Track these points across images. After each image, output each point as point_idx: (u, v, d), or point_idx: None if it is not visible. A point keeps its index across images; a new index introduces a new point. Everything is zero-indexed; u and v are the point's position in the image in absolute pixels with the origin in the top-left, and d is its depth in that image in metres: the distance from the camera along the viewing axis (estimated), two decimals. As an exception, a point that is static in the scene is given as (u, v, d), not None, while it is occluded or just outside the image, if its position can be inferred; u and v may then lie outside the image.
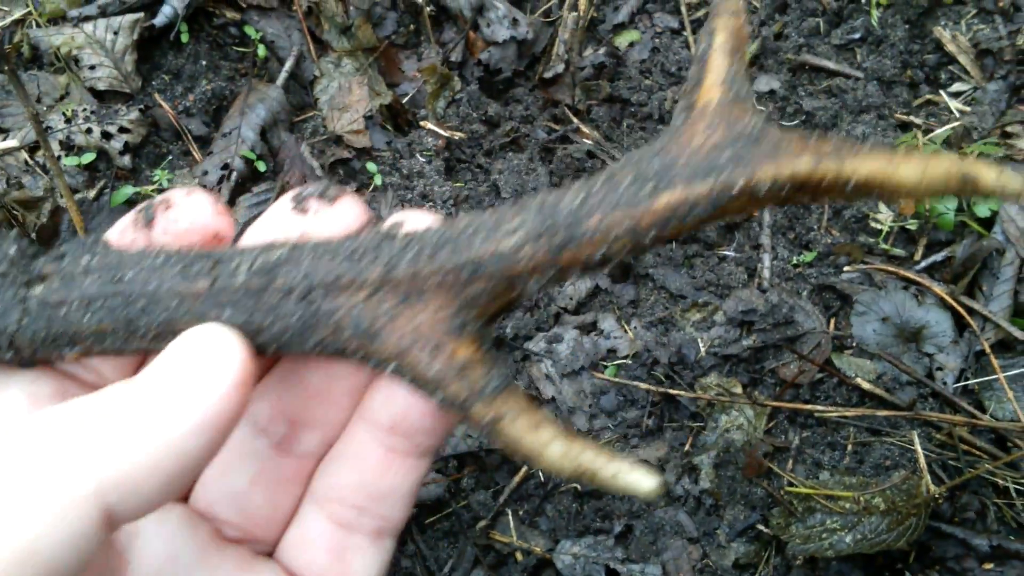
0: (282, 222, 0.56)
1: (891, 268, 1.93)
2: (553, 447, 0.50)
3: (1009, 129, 2.04)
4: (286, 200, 0.56)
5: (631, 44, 2.32)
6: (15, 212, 1.58)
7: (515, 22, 2.26)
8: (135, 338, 0.52)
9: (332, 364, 0.57)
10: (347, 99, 2.14)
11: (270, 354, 0.53)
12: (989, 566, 1.59)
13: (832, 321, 1.90)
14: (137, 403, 0.45)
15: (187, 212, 0.55)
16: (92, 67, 2.02)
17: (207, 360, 0.47)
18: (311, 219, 0.55)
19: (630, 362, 1.86)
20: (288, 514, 0.60)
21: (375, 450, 0.57)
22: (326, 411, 0.59)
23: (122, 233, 0.55)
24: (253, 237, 0.56)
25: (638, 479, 0.48)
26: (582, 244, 0.51)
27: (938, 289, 1.87)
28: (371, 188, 2.05)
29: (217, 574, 0.55)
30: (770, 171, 0.52)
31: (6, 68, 1.32)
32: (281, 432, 0.59)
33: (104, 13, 2.07)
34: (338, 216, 0.56)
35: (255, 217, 0.60)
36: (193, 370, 0.47)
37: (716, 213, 0.52)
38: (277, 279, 0.51)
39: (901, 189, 0.51)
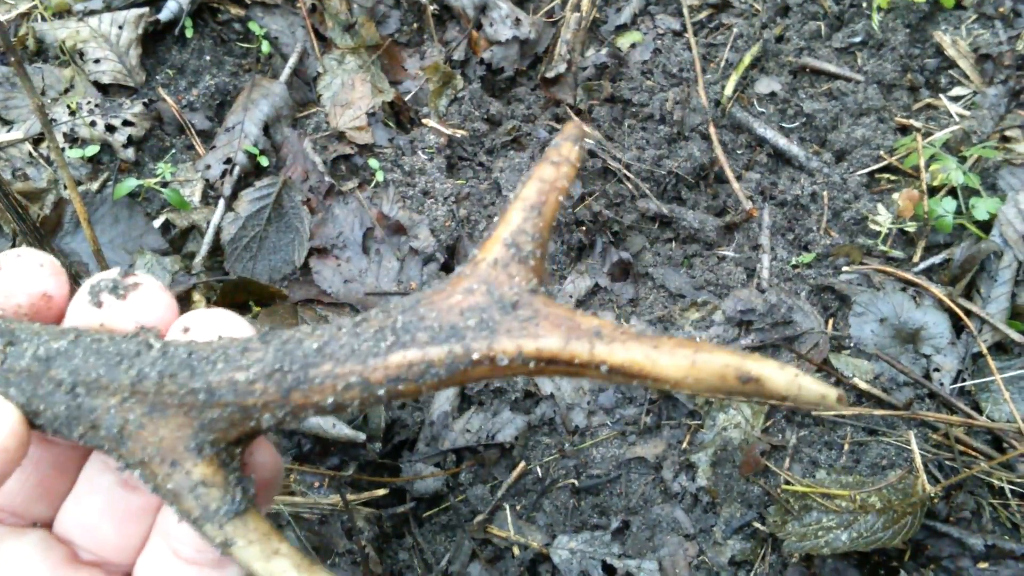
0: (84, 312, 0.57)
1: (890, 269, 1.94)
2: None
3: (1008, 133, 2.05)
4: (84, 291, 0.58)
5: (633, 45, 2.33)
6: (19, 203, 1.59)
7: (518, 22, 2.28)
8: None
9: None
10: (350, 96, 2.15)
11: (51, 435, 0.55)
12: (984, 565, 1.59)
13: (830, 321, 1.91)
14: None
15: (13, 275, 0.57)
16: (97, 60, 2.03)
17: None
18: (107, 313, 0.56)
19: (629, 360, 1.86)
20: (139, 542, 0.61)
21: None
22: None
23: None
24: (72, 312, 0.58)
25: None
26: (311, 390, 0.51)
27: (936, 291, 1.88)
28: (373, 184, 2.06)
29: None
30: (512, 345, 0.50)
31: (13, 60, 1.33)
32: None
33: (109, 7, 2.08)
34: (137, 305, 0.57)
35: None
36: None
37: (457, 378, 0.51)
38: (51, 369, 0.53)
39: (665, 381, 0.48)
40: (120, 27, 2.05)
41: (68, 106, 1.96)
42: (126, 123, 1.97)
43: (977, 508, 1.68)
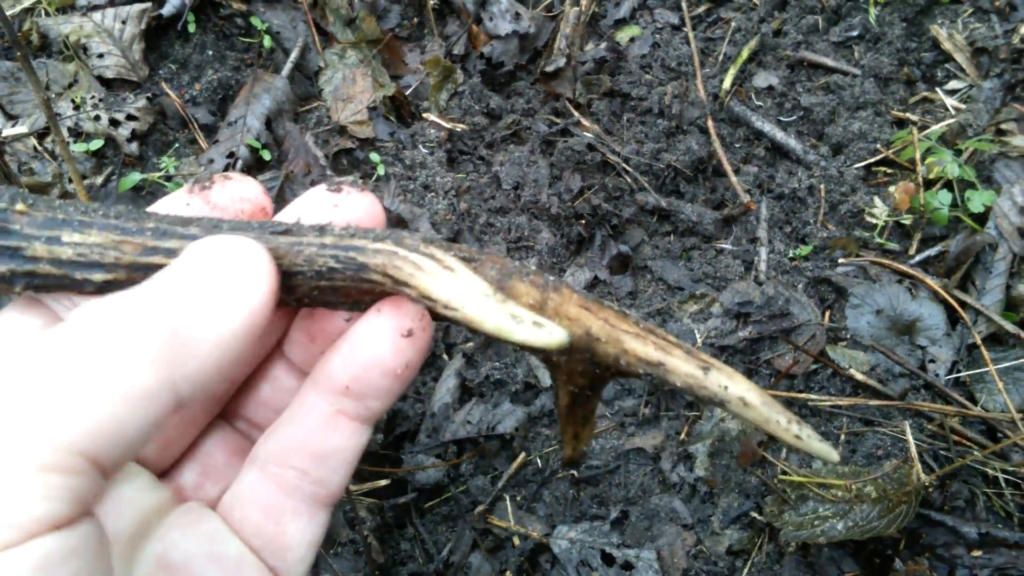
0: (317, 200, 0.62)
1: (886, 262, 1.96)
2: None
3: (1004, 126, 2.07)
4: (321, 186, 0.63)
5: (632, 39, 2.35)
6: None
7: (517, 16, 2.29)
8: None
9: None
10: (351, 90, 2.17)
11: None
12: (977, 553, 1.61)
13: (827, 313, 1.93)
14: (194, 305, 0.49)
15: (243, 187, 0.62)
16: (100, 55, 2.04)
17: (239, 265, 0.51)
18: (343, 198, 0.61)
19: (628, 351, 1.88)
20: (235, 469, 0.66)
21: (323, 411, 0.61)
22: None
23: (177, 198, 0.61)
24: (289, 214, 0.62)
25: None
26: None
27: (931, 283, 1.90)
28: (374, 178, 2.08)
29: (174, 523, 0.61)
30: None
31: (19, 55, 1.34)
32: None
33: (112, 2, 2.09)
34: (362, 202, 0.62)
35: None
36: (231, 275, 0.51)
37: None
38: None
39: None
40: (123, 22, 2.06)
41: (72, 101, 1.97)
42: (130, 117, 1.99)
43: (971, 497, 1.70)
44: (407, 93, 2.23)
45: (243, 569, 0.60)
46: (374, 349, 0.57)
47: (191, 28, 2.15)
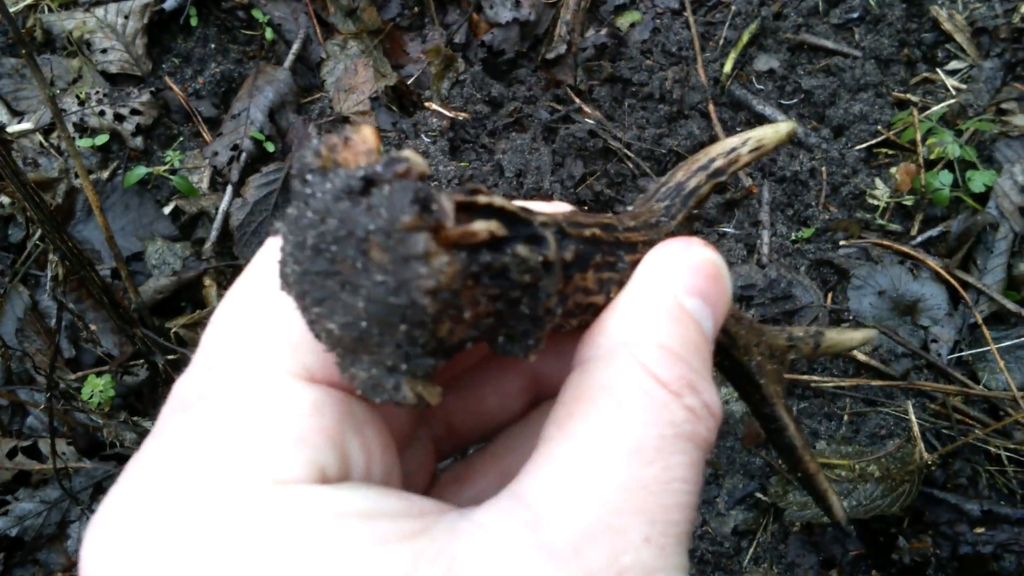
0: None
1: (887, 243, 1.97)
2: None
3: (1004, 106, 2.07)
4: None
5: (632, 25, 2.35)
6: (36, 192, 1.62)
7: (518, 4, 2.30)
8: None
9: None
10: (353, 81, 2.18)
11: None
12: (980, 530, 1.63)
13: (830, 295, 1.94)
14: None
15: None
16: (104, 51, 2.06)
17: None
18: None
19: (632, 336, 1.90)
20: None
21: None
22: None
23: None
24: None
25: None
26: None
27: (933, 263, 1.91)
28: (378, 168, 2.09)
29: None
30: None
31: (24, 51, 1.36)
32: None
33: (114, -3, 2.11)
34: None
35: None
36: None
37: None
38: None
39: None
40: (126, 17, 2.07)
41: (77, 96, 1.99)
42: (134, 112, 2.01)
43: (973, 474, 1.72)
44: (409, 82, 2.24)
45: None
46: None
47: (193, 22, 2.16)
